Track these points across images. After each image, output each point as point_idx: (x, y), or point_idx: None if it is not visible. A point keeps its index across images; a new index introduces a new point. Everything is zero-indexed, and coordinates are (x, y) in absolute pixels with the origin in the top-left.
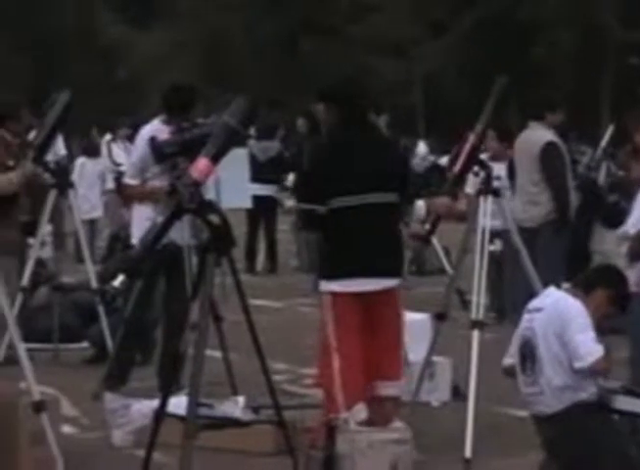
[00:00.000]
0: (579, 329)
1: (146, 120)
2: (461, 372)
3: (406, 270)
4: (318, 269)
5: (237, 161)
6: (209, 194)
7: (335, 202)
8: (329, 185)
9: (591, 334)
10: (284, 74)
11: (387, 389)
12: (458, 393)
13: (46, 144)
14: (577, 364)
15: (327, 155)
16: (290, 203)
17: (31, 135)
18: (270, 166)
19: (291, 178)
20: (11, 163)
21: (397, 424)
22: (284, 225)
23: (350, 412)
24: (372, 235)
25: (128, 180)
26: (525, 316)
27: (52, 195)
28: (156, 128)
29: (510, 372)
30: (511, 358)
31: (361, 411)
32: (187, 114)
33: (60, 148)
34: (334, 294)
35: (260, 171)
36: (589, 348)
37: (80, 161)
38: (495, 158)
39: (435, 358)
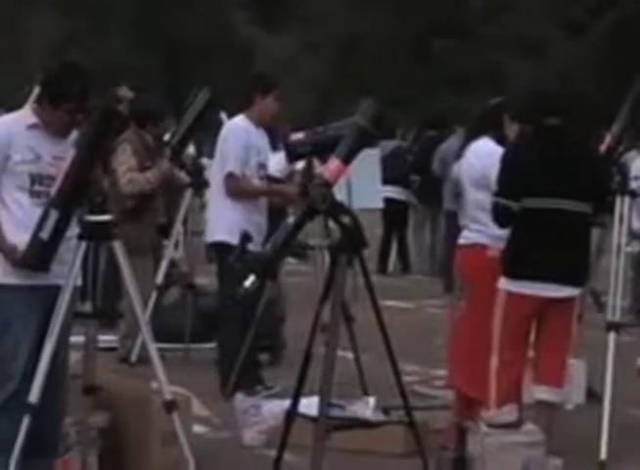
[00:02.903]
0: None
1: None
2: (596, 374)
3: None
4: (443, 271)
5: (368, 161)
6: (341, 195)
7: (528, 201)
8: (523, 184)
9: None
10: (414, 75)
11: (542, 393)
12: (593, 395)
13: (183, 143)
14: None
15: (526, 154)
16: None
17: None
18: (383, 165)
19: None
20: (148, 164)
21: (530, 427)
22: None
23: (500, 411)
24: (559, 241)
25: (236, 171)
26: None
27: (187, 194)
28: (241, 124)
29: None
30: None
31: (511, 413)
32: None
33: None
34: (509, 293)
35: None
36: None
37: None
38: None
39: (570, 360)
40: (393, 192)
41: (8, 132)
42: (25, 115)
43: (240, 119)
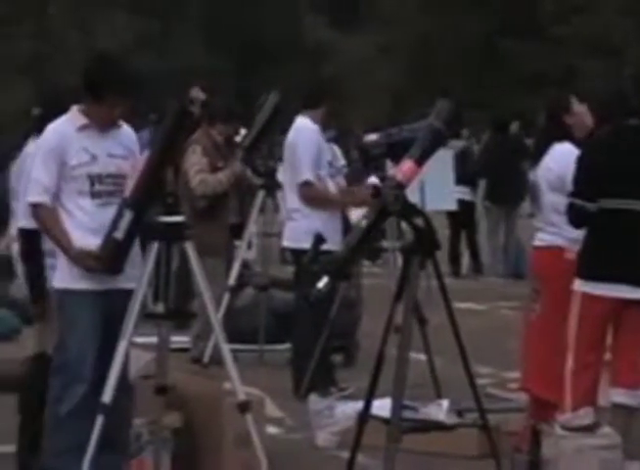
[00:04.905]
0: None
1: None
2: None
3: None
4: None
5: (442, 162)
6: (414, 196)
7: (604, 202)
8: (599, 185)
9: None
10: (486, 76)
11: (619, 396)
12: None
13: (255, 145)
14: None
15: (602, 155)
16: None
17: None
18: None
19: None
20: (220, 164)
21: (606, 430)
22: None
23: (576, 414)
24: (635, 243)
25: (311, 178)
26: None
27: (259, 195)
28: (311, 125)
29: None
30: None
31: (587, 416)
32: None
33: None
34: (584, 295)
35: None
36: None
37: None
38: None
39: None
40: (460, 192)
41: (61, 138)
42: (74, 117)
43: (307, 121)
